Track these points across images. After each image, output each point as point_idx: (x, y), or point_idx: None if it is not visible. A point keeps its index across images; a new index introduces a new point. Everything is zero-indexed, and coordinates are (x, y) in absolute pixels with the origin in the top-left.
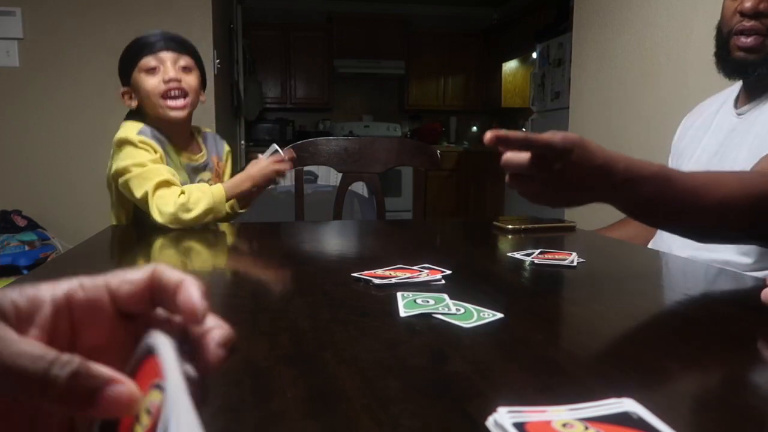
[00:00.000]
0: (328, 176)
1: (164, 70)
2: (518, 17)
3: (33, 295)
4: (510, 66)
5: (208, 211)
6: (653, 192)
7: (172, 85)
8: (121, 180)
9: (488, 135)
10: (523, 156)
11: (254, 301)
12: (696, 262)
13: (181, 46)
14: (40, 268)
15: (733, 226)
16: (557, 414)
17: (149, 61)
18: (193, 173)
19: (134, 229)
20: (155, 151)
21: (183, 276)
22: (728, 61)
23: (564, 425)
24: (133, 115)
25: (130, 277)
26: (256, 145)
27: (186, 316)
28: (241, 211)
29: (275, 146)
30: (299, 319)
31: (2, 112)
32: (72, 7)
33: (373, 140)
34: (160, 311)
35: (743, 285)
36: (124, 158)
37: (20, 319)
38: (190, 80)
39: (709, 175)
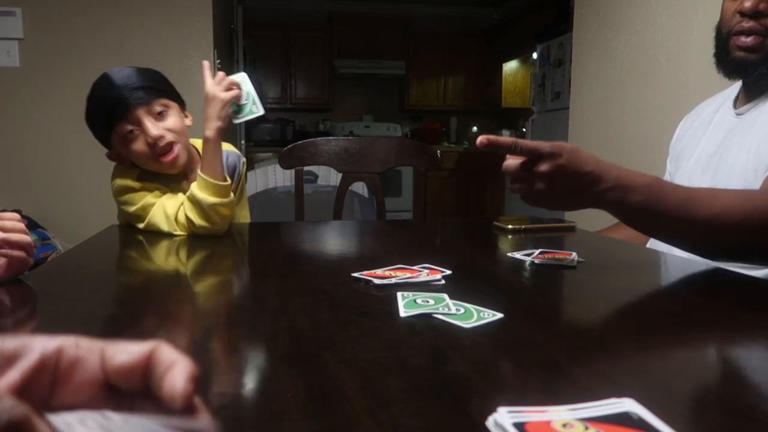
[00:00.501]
0: (329, 176)
1: (144, 130)
2: (518, 17)
3: (24, 343)
4: (510, 66)
5: (199, 217)
6: (644, 200)
7: (159, 144)
8: (141, 226)
9: (481, 139)
10: (517, 160)
11: (254, 301)
12: (696, 262)
13: (148, 91)
14: (40, 268)
15: (725, 240)
16: (557, 414)
17: (124, 127)
18: None
19: (134, 230)
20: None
21: (178, 358)
22: (728, 61)
23: (564, 425)
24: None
25: (128, 349)
26: (256, 145)
27: (165, 399)
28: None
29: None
30: (299, 319)
31: (3, 112)
32: (72, 7)
33: (373, 140)
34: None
35: (743, 285)
36: (130, 205)
37: (4, 360)
38: (171, 123)
39: (707, 189)
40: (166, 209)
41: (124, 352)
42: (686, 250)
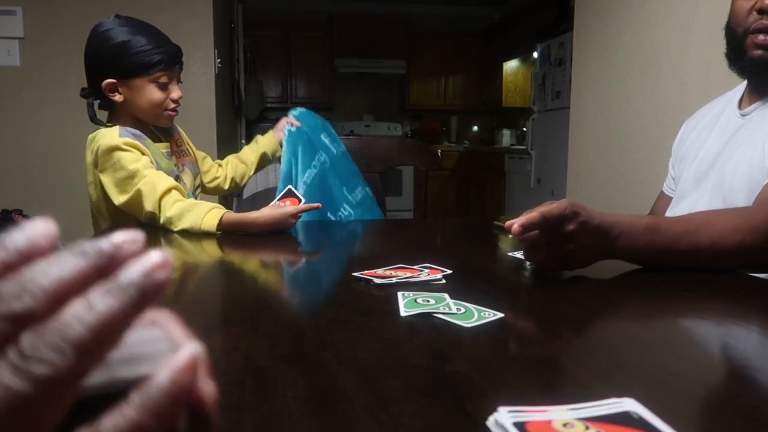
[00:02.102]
0: None
1: (172, 89)
2: (519, 17)
3: None
4: (511, 65)
5: (185, 228)
6: (647, 241)
7: (177, 103)
8: (128, 194)
9: (515, 229)
10: (535, 233)
11: (255, 301)
12: None
13: (181, 57)
14: None
15: (726, 263)
16: (558, 413)
17: (163, 77)
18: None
19: (134, 228)
20: (143, 153)
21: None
22: (744, 61)
23: (564, 425)
24: (100, 113)
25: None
26: None
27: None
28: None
29: (291, 188)
30: (300, 318)
31: (3, 111)
32: (73, 7)
33: (373, 140)
34: None
35: (744, 285)
36: (119, 167)
37: None
38: (176, 94)
39: (702, 216)
40: (156, 185)
41: None
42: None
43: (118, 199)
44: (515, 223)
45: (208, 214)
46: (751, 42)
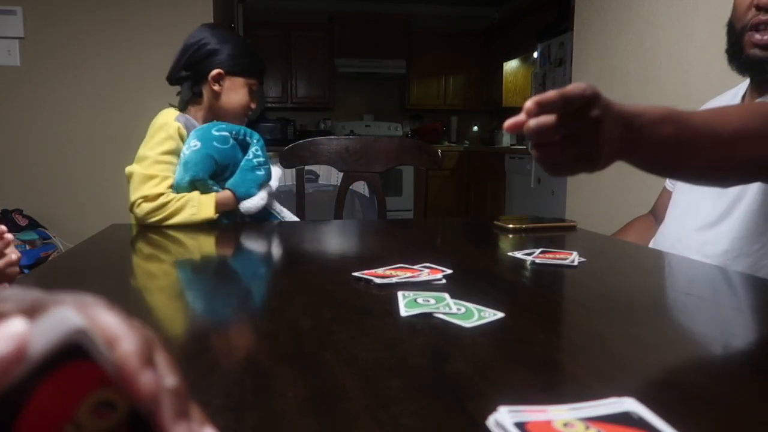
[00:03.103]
0: (329, 175)
1: (253, 98)
2: (519, 17)
3: None
4: (511, 65)
5: (180, 222)
6: (673, 131)
7: (249, 112)
8: (133, 169)
9: (528, 104)
10: (551, 117)
11: (255, 301)
12: (697, 261)
13: None
14: (40, 267)
15: (743, 155)
16: (558, 413)
17: (256, 85)
18: None
19: (135, 228)
20: (178, 143)
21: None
22: (743, 58)
23: (565, 425)
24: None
25: None
26: None
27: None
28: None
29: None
30: (300, 318)
31: (3, 111)
32: (73, 6)
33: (374, 140)
34: None
35: (744, 285)
36: (153, 146)
37: None
38: (254, 104)
39: (713, 110)
40: (148, 186)
41: None
42: (705, 179)
43: (130, 166)
44: (528, 101)
45: (205, 209)
46: (749, 39)
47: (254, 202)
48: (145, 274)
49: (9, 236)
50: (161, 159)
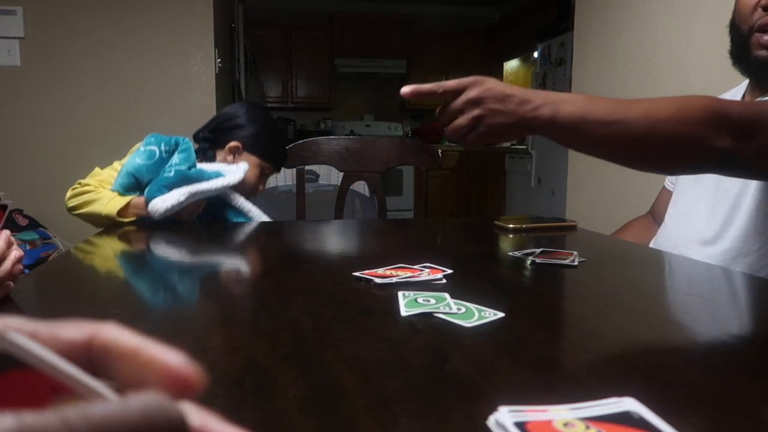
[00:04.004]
0: (330, 175)
1: (262, 181)
2: (519, 17)
3: None
4: (511, 65)
5: (90, 215)
6: (576, 110)
7: (256, 193)
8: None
9: (404, 90)
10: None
11: (255, 300)
12: (697, 261)
13: None
14: (40, 267)
15: (657, 142)
16: (558, 413)
17: (268, 169)
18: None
19: (135, 228)
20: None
21: (140, 339)
22: (749, 60)
23: (565, 424)
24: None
25: (60, 333)
26: None
27: (174, 384)
28: (123, 220)
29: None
30: (300, 318)
31: (3, 111)
32: (73, 6)
33: (374, 139)
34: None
35: (744, 285)
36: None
37: None
38: (262, 187)
39: (633, 101)
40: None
41: (56, 337)
42: (620, 160)
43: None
44: (407, 87)
45: (111, 206)
46: (756, 41)
47: (156, 202)
48: (145, 275)
49: (6, 232)
50: (115, 166)
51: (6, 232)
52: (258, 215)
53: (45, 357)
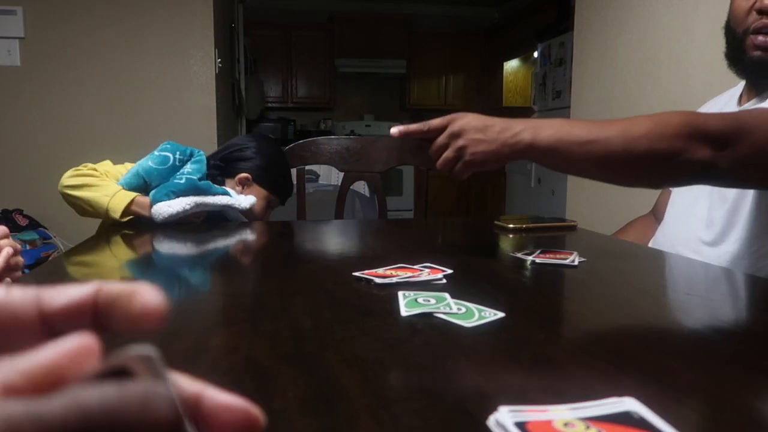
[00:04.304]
0: (330, 175)
1: (267, 213)
2: (519, 16)
3: None
4: (511, 65)
5: (87, 200)
6: (554, 132)
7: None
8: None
9: (393, 130)
10: (415, 127)
11: (255, 300)
12: (697, 261)
13: None
14: (41, 267)
15: (639, 152)
16: (558, 413)
17: (276, 204)
18: None
19: (135, 228)
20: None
21: (135, 286)
22: (745, 62)
23: (565, 424)
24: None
25: (67, 292)
26: None
27: (141, 319)
28: (122, 220)
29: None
30: (300, 318)
31: (4, 111)
32: (73, 6)
33: (374, 139)
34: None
35: (745, 285)
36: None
37: None
38: (267, 218)
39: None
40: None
41: (64, 295)
42: (602, 179)
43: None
44: (396, 128)
45: (117, 200)
46: (751, 43)
47: (161, 206)
48: (145, 274)
49: (3, 228)
50: (127, 165)
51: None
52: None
53: None
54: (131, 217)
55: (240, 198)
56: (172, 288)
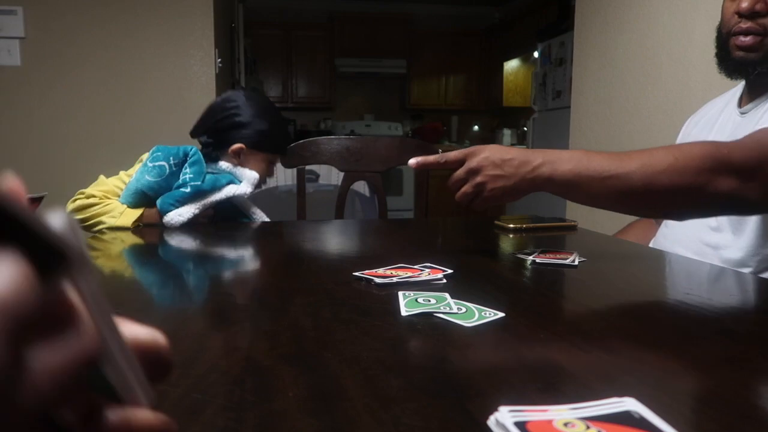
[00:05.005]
0: (330, 175)
1: (270, 170)
2: (520, 16)
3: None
4: (511, 65)
5: (96, 226)
6: (575, 166)
7: (264, 182)
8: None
9: (411, 162)
10: (432, 159)
11: (255, 300)
12: (697, 261)
13: None
14: None
15: (659, 186)
16: (559, 413)
17: (277, 160)
18: None
19: (135, 230)
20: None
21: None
22: (729, 61)
23: (565, 424)
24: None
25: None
26: None
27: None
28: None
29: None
30: (300, 318)
31: (4, 110)
32: (73, 6)
33: (374, 139)
34: None
35: (745, 285)
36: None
37: None
38: (272, 174)
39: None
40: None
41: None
42: (623, 212)
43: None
44: (414, 159)
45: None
46: (733, 43)
47: (172, 216)
48: (145, 274)
49: None
50: (122, 177)
51: None
52: (261, 216)
53: None
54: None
55: (242, 185)
56: (173, 287)
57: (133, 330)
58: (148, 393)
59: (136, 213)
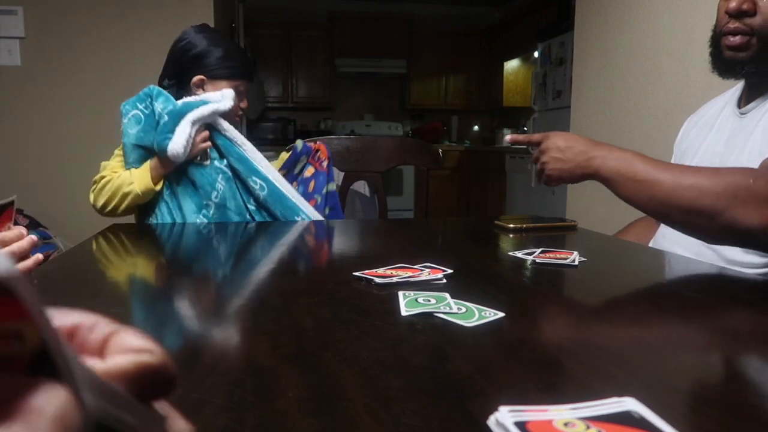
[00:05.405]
0: None
1: (240, 99)
2: (520, 16)
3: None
4: (511, 65)
5: (128, 201)
6: (619, 164)
7: (239, 113)
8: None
9: (507, 138)
10: (521, 138)
11: (256, 300)
12: (698, 261)
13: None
14: (41, 267)
15: (680, 204)
16: (559, 413)
17: (242, 85)
18: None
19: (136, 228)
20: None
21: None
22: (720, 61)
23: (565, 424)
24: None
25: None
26: (257, 144)
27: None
28: (158, 188)
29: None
30: (301, 318)
31: (4, 111)
32: (73, 6)
33: (374, 139)
34: None
35: (745, 284)
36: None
37: None
38: (244, 104)
39: (678, 165)
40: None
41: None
42: (652, 216)
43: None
44: (510, 136)
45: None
46: (724, 43)
47: (171, 147)
48: (146, 274)
49: (19, 229)
50: (117, 153)
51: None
52: (251, 151)
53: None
54: (162, 182)
55: (223, 102)
56: (172, 287)
57: (114, 361)
58: (157, 418)
59: (143, 169)
